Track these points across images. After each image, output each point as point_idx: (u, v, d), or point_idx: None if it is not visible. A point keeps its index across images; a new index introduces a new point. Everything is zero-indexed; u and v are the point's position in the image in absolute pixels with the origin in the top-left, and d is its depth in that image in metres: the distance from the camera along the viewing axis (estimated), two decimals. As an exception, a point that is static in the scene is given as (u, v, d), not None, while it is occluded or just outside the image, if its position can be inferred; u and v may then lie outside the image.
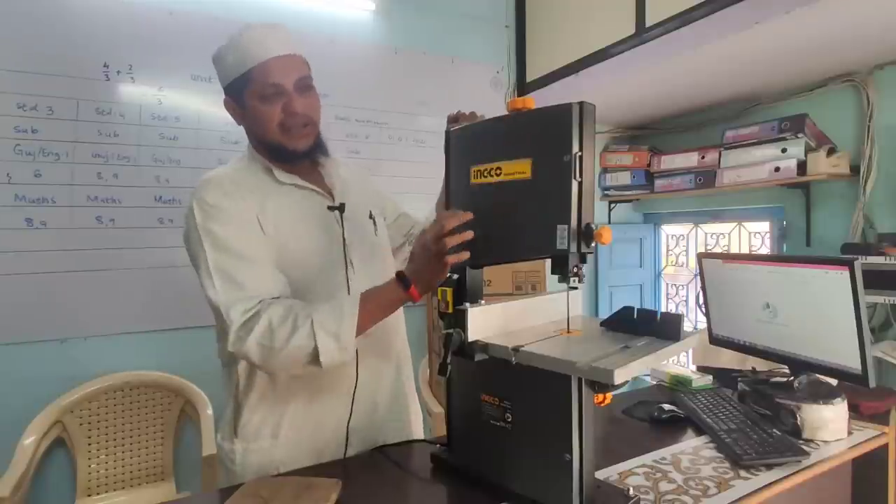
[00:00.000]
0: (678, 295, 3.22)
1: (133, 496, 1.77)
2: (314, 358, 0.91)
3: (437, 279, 0.90)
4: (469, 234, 0.88)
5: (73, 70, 1.76)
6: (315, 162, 1.13)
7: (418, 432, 1.21)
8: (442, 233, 0.86)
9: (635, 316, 0.91)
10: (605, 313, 2.69)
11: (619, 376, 0.70)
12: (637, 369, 0.74)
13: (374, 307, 0.96)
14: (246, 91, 1.02)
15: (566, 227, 0.79)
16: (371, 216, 1.17)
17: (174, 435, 1.87)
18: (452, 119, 1.09)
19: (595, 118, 0.81)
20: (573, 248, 0.79)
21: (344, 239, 1.06)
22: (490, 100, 2.61)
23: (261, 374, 1.03)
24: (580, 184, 0.79)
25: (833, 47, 1.84)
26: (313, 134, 1.07)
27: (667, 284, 3.26)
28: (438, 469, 1.00)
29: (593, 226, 0.80)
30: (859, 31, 1.70)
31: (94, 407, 1.75)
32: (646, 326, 0.89)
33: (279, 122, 1.02)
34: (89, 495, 1.72)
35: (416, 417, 1.23)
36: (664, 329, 0.87)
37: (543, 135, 0.82)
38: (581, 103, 0.79)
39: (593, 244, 0.81)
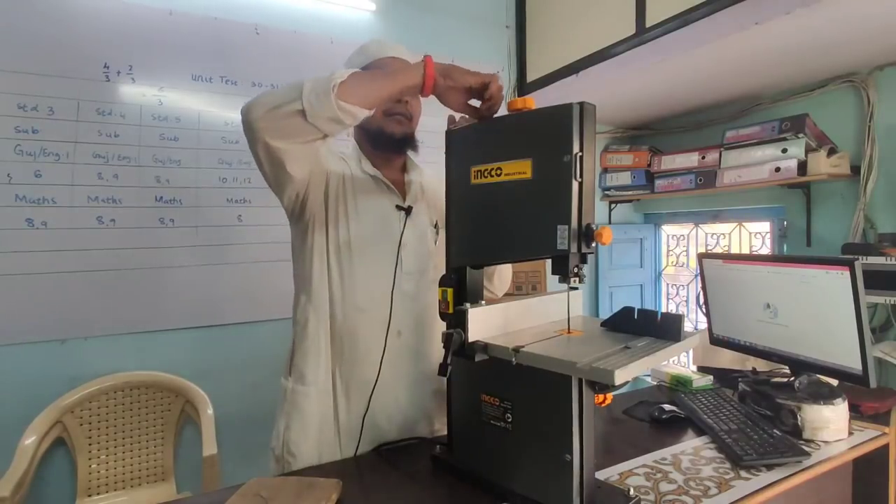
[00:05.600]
0: (678, 295, 3.22)
1: (133, 496, 1.77)
2: (299, 96, 0.86)
3: (448, 87, 0.98)
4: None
5: (73, 70, 1.76)
6: (404, 165, 1.24)
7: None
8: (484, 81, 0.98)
9: (636, 316, 0.91)
10: (605, 313, 2.69)
11: (620, 377, 0.70)
12: (637, 370, 0.74)
13: (375, 73, 1.00)
14: None
15: (566, 227, 0.79)
16: (435, 225, 1.22)
17: (174, 435, 1.87)
18: (453, 120, 1.10)
19: (595, 118, 0.81)
20: (573, 249, 0.80)
21: (401, 239, 1.11)
22: (490, 100, 2.60)
23: (311, 322, 1.09)
24: (580, 184, 0.79)
25: (833, 47, 1.84)
26: (409, 129, 1.19)
27: (667, 284, 3.26)
28: (438, 469, 1.00)
29: (594, 226, 0.80)
30: (859, 31, 1.69)
31: (94, 407, 1.75)
32: (646, 327, 0.89)
33: (383, 108, 1.12)
34: (90, 495, 1.72)
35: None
36: (664, 329, 0.87)
37: (544, 135, 0.82)
38: (581, 103, 0.79)
39: (594, 244, 0.81)
